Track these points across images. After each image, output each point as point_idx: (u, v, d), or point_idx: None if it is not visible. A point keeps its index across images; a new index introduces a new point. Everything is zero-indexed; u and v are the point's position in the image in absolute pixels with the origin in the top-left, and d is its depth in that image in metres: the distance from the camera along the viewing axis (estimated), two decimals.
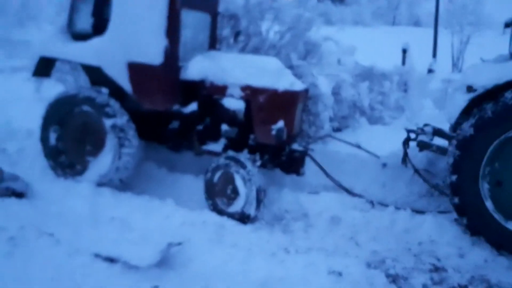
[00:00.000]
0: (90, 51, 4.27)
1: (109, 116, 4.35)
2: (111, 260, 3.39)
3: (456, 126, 3.87)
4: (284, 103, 4.29)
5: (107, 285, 3.17)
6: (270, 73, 4.32)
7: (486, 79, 3.58)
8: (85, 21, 4.73)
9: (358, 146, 5.50)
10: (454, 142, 3.68)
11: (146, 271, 3.26)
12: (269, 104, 4.30)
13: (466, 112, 3.72)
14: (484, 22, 21.00)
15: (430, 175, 5.16)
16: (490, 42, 22.38)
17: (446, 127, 5.35)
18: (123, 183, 4.57)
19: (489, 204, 3.65)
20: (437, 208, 4.66)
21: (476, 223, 3.71)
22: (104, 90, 4.52)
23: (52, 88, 7.74)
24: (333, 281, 3.09)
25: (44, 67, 4.68)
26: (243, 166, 4.08)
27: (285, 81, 4.31)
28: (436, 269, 3.48)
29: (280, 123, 4.28)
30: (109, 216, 3.98)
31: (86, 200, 4.16)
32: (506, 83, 3.48)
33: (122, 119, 4.40)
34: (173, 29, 4.17)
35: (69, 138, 4.68)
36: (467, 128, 3.60)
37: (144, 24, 4.16)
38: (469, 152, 3.61)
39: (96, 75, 4.53)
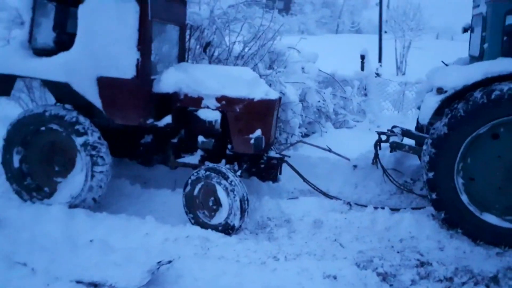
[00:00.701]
0: (57, 67, 4.06)
1: (80, 134, 4.16)
2: (95, 285, 3.24)
3: (428, 126, 4.08)
4: (260, 112, 4.31)
5: None
6: (245, 83, 4.34)
7: (455, 80, 3.81)
8: (47, 36, 4.53)
9: (330, 150, 5.64)
10: (429, 141, 3.88)
11: None
12: (246, 113, 4.31)
13: (437, 113, 3.93)
14: (423, 28, 22.32)
15: (399, 174, 5.41)
16: (428, 46, 23.92)
17: (406, 127, 5.65)
18: (97, 202, 4.37)
19: (464, 198, 3.87)
20: (409, 204, 4.89)
21: (453, 217, 3.92)
22: (69, 107, 4.31)
23: (4, 108, 7.31)
24: (329, 285, 3.13)
25: (4, 85, 4.39)
26: (225, 176, 4.04)
27: (260, 91, 4.34)
28: (421, 264, 3.62)
29: (258, 132, 4.30)
30: (87, 239, 3.78)
31: (59, 224, 3.93)
32: (474, 84, 3.73)
33: (94, 136, 4.22)
34: (144, 42, 4.07)
35: (35, 159, 4.41)
36: (441, 127, 3.81)
37: (114, 37, 4.03)
38: (443, 149, 3.81)
39: (62, 91, 4.32)
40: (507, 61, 3.72)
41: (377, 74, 10.71)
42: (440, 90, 3.86)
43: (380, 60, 18.45)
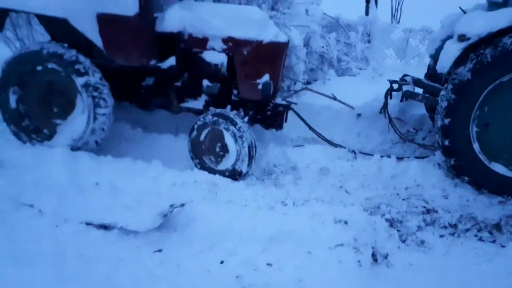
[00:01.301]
0: (54, 1, 3.77)
1: (81, 74, 3.96)
2: (105, 227, 3.21)
3: (446, 75, 3.99)
4: (269, 56, 4.14)
5: (104, 254, 2.99)
6: (253, 24, 4.11)
7: (479, 27, 3.67)
8: None
9: (334, 98, 5.55)
10: (450, 86, 3.81)
11: (147, 235, 3.13)
12: (254, 57, 4.13)
13: (456, 62, 3.83)
14: None
15: (402, 123, 5.40)
16: None
17: (411, 75, 5.55)
18: (99, 145, 4.26)
19: (476, 146, 3.88)
20: (412, 153, 4.91)
21: (462, 164, 3.95)
22: (66, 46, 4.07)
23: None
24: (341, 230, 3.16)
25: None
26: (233, 122, 3.95)
27: (270, 32, 4.13)
28: (427, 211, 3.68)
29: (266, 77, 4.16)
30: (93, 182, 3.71)
31: (63, 166, 3.83)
32: (499, 31, 3.60)
33: (95, 76, 4.02)
34: None
35: (32, 100, 4.22)
36: (464, 72, 3.72)
37: None
38: (464, 96, 3.76)
39: (59, 28, 4.05)
40: None
41: None
42: (462, 37, 3.73)
43: (376, 6, 17.89)
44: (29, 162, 3.90)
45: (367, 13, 8.24)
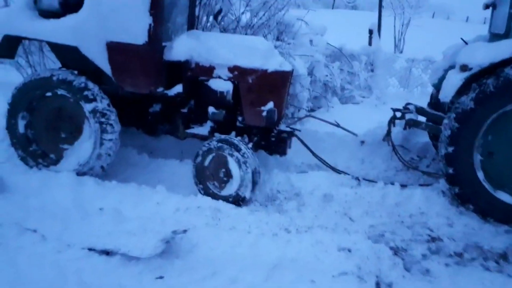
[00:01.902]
0: (65, 30, 3.90)
1: (89, 100, 4.05)
2: (107, 253, 3.21)
3: (449, 104, 4.04)
4: (274, 84, 4.23)
5: (105, 280, 2.99)
6: (258, 53, 4.22)
7: (481, 58, 3.75)
8: None
9: (338, 125, 5.60)
10: (453, 115, 3.84)
11: (149, 261, 3.12)
12: (259, 85, 4.22)
13: (458, 91, 3.89)
14: (422, 5, 22.07)
15: (406, 150, 5.41)
16: (425, 24, 23.70)
17: (414, 103, 5.61)
18: (105, 171, 4.30)
19: (480, 174, 3.88)
20: (416, 181, 4.90)
21: (466, 192, 3.94)
22: (75, 73, 4.18)
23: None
24: (344, 258, 3.14)
25: (8, 47, 4.22)
26: (237, 148, 3.99)
27: (275, 61, 4.23)
28: (432, 239, 3.65)
29: (270, 105, 4.23)
30: (97, 207, 3.73)
31: (68, 191, 3.86)
32: (501, 61, 3.68)
33: (103, 103, 4.11)
34: (157, 6, 3.91)
35: (41, 125, 4.31)
36: (467, 101, 3.77)
37: (126, 0, 3.87)
38: (467, 124, 3.79)
39: (69, 56, 4.17)
40: None
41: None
42: (464, 68, 3.80)
43: (379, 36, 18.24)
44: (34, 186, 3.94)
45: (370, 43, 8.42)
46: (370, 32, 8.45)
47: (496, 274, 3.26)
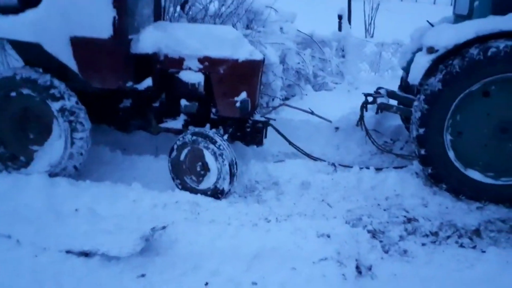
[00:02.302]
0: (26, 26, 3.72)
1: (56, 98, 3.91)
2: (85, 254, 3.14)
3: (418, 86, 4.10)
4: (246, 74, 4.18)
5: (85, 281, 2.93)
6: (228, 43, 4.16)
7: (446, 39, 3.82)
8: None
9: (312, 112, 5.63)
10: (422, 97, 3.91)
11: (129, 260, 3.08)
12: (231, 75, 4.16)
13: (426, 73, 3.95)
14: None
15: (379, 134, 5.50)
16: (395, 7, 23.99)
17: (384, 88, 5.69)
18: (78, 170, 4.19)
19: (451, 154, 3.98)
20: (390, 164, 4.99)
21: (439, 172, 4.03)
22: (40, 71, 4.02)
23: None
24: (323, 243, 3.17)
25: None
26: (213, 141, 3.95)
27: (245, 51, 4.17)
28: (408, 220, 3.73)
29: (243, 95, 4.19)
30: (72, 208, 3.63)
31: (41, 193, 3.74)
32: (465, 42, 3.75)
33: (71, 100, 3.98)
34: None
35: (6, 126, 4.14)
36: (435, 83, 3.83)
37: None
38: (436, 105, 3.86)
39: (32, 53, 4.00)
40: (498, 19, 3.74)
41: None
42: (431, 49, 3.86)
43: (349, 22, 18.34)
44: (5, 190, 3.80)
45: (340, 29, 8.46)
46: (339, 17, 8.48)
47: (470, 250, 3.37)
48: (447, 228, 3.62)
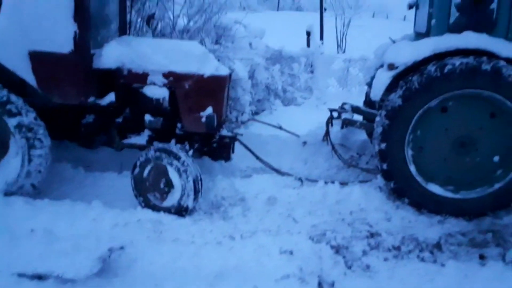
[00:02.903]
0: None
1: (13, 114, 3.78)
2: (39, 277, 3.01)
3: (379, 102, 4.18)
4: (211, 89, 4.18)
5: None
6: (194, 58, 4.16)
7: (405, 56, 3.93)
8: None
9: (280, 127, 5.65)
10: (383, 112, 3.99)
11: (85, 283, 2.98)
12: (196, 90, 4.15)
13: (388, 89, 4.04)
14: (361, 5, 22.99)
15: (346, 148, 5.57)
16: (366, 24, 24.71)
17: (351, 103, 5.79)
18: (36, 189, 4.04)
19: (412, 168, 4.05)
20: (356, 178, 5.05)
21: (401, 186, 4.10)
22: None
23: None
24: (286, 260, 3.15)
25: None
26: (177, 157, 3.89)
27: (210, 66, 4.19)
28: (371, 234, 3.76)
29: (209, 110, 4.17)
30: (28, 228, 3.48)
31: None
32: (423, 59, 3.86)
33: (29, 116, 3.86)
34: (81, 12, 3.74)
35: None
36: (395, 98, 3.92)
37: (47, 6, 3.66)
38: (396, 121, 3.95)
39: None
40: (454, 37, 3.89)
41: None
42: (391, 66, 3.97)
43: (321, 37, 18.73)
44: None
45: (308, 45, 8.60)
46: (308, 34, 8.63)
47: (430, 264, 3.41)
48: (409, 242, 3.66)
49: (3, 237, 3.34)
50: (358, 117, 5.32)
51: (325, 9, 21.94)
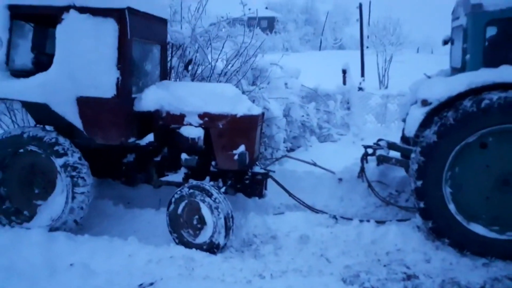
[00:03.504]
0: (34, 88, 3.98)
1: (60, 155, 4.08)
2: None
3: (414, 138, 4.10)
4: (244, 128, 4.31)
5: None
6: (227, 99, 4.34)
7: (439, 92, 3.87)
8: (24, 57, 4.49)
9: (314, 164, 5.63)
10: (418, 149, 3.90)
11: None
12: (229, 130, 4.30)
13: (422, 125, 3.96)
14: (403, 42, 22.90)
15: (384, 186, 5.42)
16: (409, 59, 24.45)
17: (390, 139, 5.69)
18: (78, 224, 4.26)
19: (452, 207, 3.88)
20: (395, 216, 4.88)
21: (440, 226, 3.92)
22: (49, 128, 4.24)
23: None
24: None
25: None
26: (209, 194, 3.99)
27: (243, 106, 4.34)
28: (408, 277, 3.59)
29: (242, 148, 4.28)
30: (67, 263, 3.67)
31: (39, 248, 3.80)
32: (458, 95, 3.78)
33: (74, 157, 4.14)
34: (124, 60, 4.05)
35: (13, 182, 4.30)
36: (430, 135, 3.83)
37: (93, 56, 4.00)
38: (432, 157, 3.83)
39: (41, 113, 4.25)
40: (489, 72, 3.79)
41: (360, 88, 10.88)
42: (425, 102, 3.91)
43: (362, 74, 18.73)
44: (4, 245, 3.88)
45: (344, 82, 8.65)
46: (344, 71, 8.70)
47: None
48: (449, 286, 3.45)
49: (44, 271, 3.54)
50: (395, 154, 5.21)
51: (367, 47, 22.06)
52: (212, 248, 3.98)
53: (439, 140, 3.82)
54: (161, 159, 4.57)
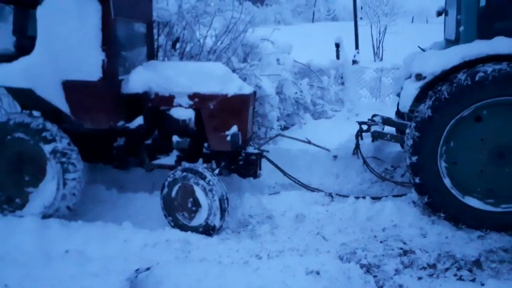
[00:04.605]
0: (18, 73, 3.85)
1: (48, 141, 3.98)
2: None
3: (408, 113, 4.04)
4: (235, 108, 4.22)
5: None
6: (217, 79, 4.23)
7: (433, 66, 3.78)
8: (6, 41, 4.33)
9: (309, 142, 5.58)
10: (413, 124, 3.85)
11: None
12: (221, 110, 4.21)
13: (417, 99, 3.89)
14: (397, 12, 22.50)
15: (379, 162, 5.39)
16: (404, 30, 24.10)
17: (385, 113, 5.63)
18: (72, 211, 4.21)
19: (447, 181, 3.86)
20: (390, 192, 4.87)
21: (436, 201, 3.91)
22: (36, 114, 4.13)
23: None
24: (312, 281, 3.06)
25: None
26: (202, 176, 3.93)
27: (234, 85, 4.23)
28: (404, 252, 3.60)
29: (234, 129, 4.21)
30: (62, 250, 3.64)
31: (32, 236, 3.75)
32: (452, 68, 3.70)
33: (63, 142, 4.04)
34: (108, 41, 3.91)
35: (3, 170, 4.21)
36: (424, 109, 3.77)
37: (77, 38, 3.85)
38: (427, 132, 3.79)
39: (26, 98, 4.12)
40: (483, 44, 3.70)
41: (354, 61, 10.73)
42: (419, 77, 3.83)
43: (357, 47, 18.47)
44: None
45: (338, 57, 8.50)
46: (337, 45, 8.53)
47: (469, 283, 3.21)
48: (445, 259, 3.47)
49: (39, 259, 3.50)
50: (390, 129, 5.16)
51: (361, 18, 21.67)
52: (208, 230, 3.96)
53: (434, 114, 3.76)
54: (152, 142, 4.49)
